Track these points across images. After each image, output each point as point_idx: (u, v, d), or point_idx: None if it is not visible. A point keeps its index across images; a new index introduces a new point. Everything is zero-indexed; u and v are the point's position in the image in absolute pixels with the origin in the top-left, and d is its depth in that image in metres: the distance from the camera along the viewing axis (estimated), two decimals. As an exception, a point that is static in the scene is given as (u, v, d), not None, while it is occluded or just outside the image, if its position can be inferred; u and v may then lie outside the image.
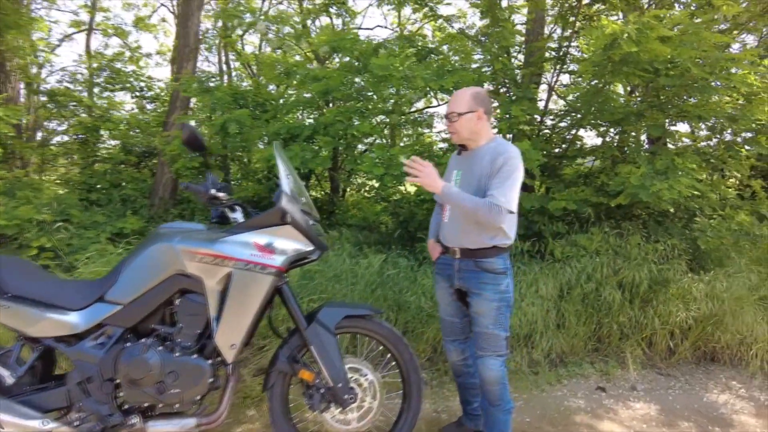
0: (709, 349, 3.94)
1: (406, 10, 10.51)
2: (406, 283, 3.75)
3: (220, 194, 2.28)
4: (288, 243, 2.25)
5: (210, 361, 2.24)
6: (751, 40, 6.11)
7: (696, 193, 3.74)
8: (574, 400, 3.36)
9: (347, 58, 5.48)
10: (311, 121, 5.84)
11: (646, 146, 5.75)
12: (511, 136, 4.98)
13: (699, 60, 3.55)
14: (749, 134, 4.19)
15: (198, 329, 2.26)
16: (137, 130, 8.28)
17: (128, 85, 9.06)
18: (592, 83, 4.44)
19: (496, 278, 2.33)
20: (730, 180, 4.76)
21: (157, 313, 2.28)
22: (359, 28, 9.98)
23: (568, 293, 3.68)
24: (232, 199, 2.37)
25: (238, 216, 2.44)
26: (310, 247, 2.31)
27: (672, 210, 4.12)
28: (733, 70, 3.88)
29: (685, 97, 3.84)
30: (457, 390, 2.79)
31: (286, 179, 2.32)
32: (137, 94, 9.31)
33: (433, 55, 5.38)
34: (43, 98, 8.09)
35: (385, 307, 3.62)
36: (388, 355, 2.56)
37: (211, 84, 6.42)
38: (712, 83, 3.62)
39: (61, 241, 4.79)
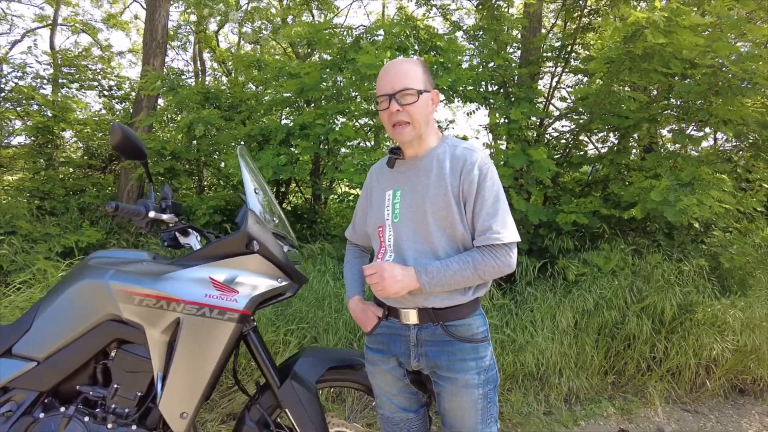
0: (739, 381, 3.52)
1: (390, 10, 10.05)
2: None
3: (164, 216, 1.73)
4: (255, 278, 1.73)
5: (154, 435, 1.71)
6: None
7: (728, 207, 3.29)
8: (596, 447, 2.91)
9: (328, 56, 4.96)
10: (288, 122, 5.32)
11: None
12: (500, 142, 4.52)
13: (733, 56, 3.12)
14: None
15: (138, 391, 1.74)
16: (104, 132, 7.69)
17: (95, 83, 8.49)
18: (603, 82, 3.98)
19: (476, 349, 1.53)
20: (756, 192, 4.33)
21: (85, 370, 1.75)
22: (342, 28, 9.50)
23: (586, 323, 3.19)
24: (182, 222, 1.84)
25: (192, 241, 1.92)
26: (285, 282, 1.79)
27: (696, 225, 3.67)
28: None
29: (711, 101, 3.40)
30: None
31: (253, 194, 1.81)
32: (106, 93, 8.79)
33: (433, 52, 4.86)
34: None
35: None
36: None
37: (180, 82, 5.88)
38: (746, 84, 3.18)
39: (4, 258, 4.20)
